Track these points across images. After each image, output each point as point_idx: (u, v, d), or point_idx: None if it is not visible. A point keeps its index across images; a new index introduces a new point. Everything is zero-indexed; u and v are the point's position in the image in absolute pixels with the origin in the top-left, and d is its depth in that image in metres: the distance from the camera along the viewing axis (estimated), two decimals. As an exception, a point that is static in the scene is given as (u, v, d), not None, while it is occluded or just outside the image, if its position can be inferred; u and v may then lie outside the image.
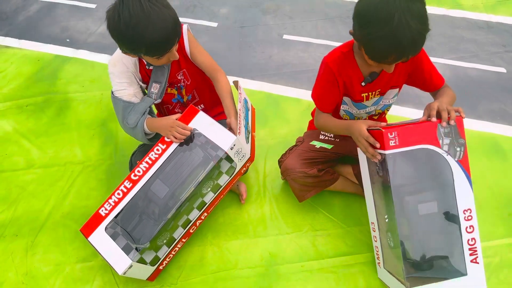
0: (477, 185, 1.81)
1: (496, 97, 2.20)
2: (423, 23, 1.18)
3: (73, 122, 2.15)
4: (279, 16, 2.77)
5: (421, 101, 2.17)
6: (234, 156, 1.49)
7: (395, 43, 1.18)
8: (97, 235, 1.45)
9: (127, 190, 1.49)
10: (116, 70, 1.53)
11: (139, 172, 1.50)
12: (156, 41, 1.33)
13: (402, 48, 1.19)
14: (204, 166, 1.49)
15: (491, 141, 1.98)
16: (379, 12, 1.18)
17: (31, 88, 2.35)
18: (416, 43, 1.19)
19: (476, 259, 1.33)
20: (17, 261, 1.64)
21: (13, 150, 2.03)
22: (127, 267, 1.38)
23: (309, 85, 2.29)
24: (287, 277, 1.56)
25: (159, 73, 1.57)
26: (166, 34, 1.34)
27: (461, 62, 2.39)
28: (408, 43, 1.18)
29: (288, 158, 1.64)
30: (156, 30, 1.31)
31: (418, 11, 1.17)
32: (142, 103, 1.56)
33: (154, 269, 1.51)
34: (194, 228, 1.57)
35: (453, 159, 1.34)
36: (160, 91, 1.58)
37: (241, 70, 2.41)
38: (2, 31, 2.74)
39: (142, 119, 1.54)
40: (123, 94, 1.54)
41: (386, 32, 1.17)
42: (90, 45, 2.62)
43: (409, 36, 1.16)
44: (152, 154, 1.51)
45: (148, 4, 1.29)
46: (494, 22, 2.64)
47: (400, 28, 1.15)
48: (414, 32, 1.16)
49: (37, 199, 1.83)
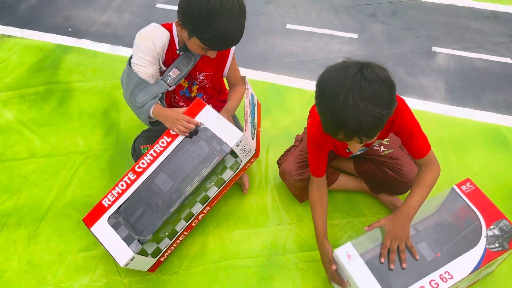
0: (481, 176, 1.80)
1: (501, 87, 2.18)
2: (377, 105, 1.06)
3: (75, 111, 2.15)
4: (282, 6, 2.75)
5: (426, 92, 2.16)
6: (239, 152, 1.49)
7: (340, 122, 1.09)
8: (99, 225, 1.45)
9: (130, 181, 1.48)
10: (144, 45, 1.50)
11: (143, 164, 1.49)
12: (226, 35, 1.38)
13: (347, 128, 1.09)
14: (209, 161, 1.49)
15: (496, 132, 1.96)
16: (330, 86, 1.10)
17: (33, 77, 2.34)
18: (365, 126, 1.07)
19: None
20: (20, 249, 1.65)
21: (15, 140, 2.04)
22: (129, 259, 1.38)
23: (312, 75, 2.28)
24: (288, 267, 1.56)
25: (184, 62, 1.56)
26: (235, 36, 1.40)
27: (466, 52, 2.36)
28: (354, 125, 1.07)
29: (285, 162, 1.64)
30: (232, 27, 1.37)
31: (373, 92, 1.06)
32: (156, 86, 1.54)
33: (155, 261, 1.51)
34: (196, 221, 1.58)
35: (485, 245, 1.31)
36: (177, 78, 1.56)
37: (244, 60, 2.39)
38: (4, 20, 2.73)
39: (151, 102, 1.52)
40: (141, 71, 1.51)
41: (331, 109, 1.09)
42: (92, 34, 2.61)
43: (355, 118, 1.06)
44: (157, 147, 1.50)
45: (236, 2, 1.36)
46: (500, 12, 2.60)
47: (345, 107, 1.06)
48: (362, 113, 1.05)
49: (40, 189, 1.84)
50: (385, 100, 1.08)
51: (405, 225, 1.30)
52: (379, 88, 1.07)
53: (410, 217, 1.31)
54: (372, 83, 1.07)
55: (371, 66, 1.10)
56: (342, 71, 1.10)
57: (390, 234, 1.30)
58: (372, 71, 1.08)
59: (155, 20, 1.58)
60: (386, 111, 1.09)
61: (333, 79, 1.10)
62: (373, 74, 1.07)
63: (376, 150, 1.59)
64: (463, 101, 2.12)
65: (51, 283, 1.55)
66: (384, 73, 1.10)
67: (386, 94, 1.09)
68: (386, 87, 1.09)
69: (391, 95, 1.11)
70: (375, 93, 1.07)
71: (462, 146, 1.91)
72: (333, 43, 2.47)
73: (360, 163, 1.67)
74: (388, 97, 1.09)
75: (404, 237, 1.30)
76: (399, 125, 1.32)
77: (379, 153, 1.58)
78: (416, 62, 2.32)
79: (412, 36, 2.49)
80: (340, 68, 1.12)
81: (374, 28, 2.55)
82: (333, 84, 1.09)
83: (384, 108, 1.08)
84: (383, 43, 2.45)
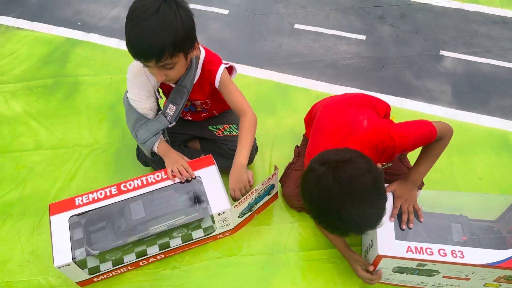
0: (485, 181, 1.79)
1: (508, 93, 2.17)
2: (367, 201, 1.11)
3: (82, 105, 2.17)
4: (291, 5, 2.75)
5: (432, 96, 2.15)
6: (218, 221, 1.48)
7: (341, 232, 1.16)
8: (59, 218, 1.42)
9: (110, 194, 1.46)
10: (138, 81, 1.48)
11: (130, 185, 1.48)
12: (129, 42, 1.26)
13: (347, 233, 1.16)
14: (187, 213, 1.49)
15: (501, 137, 1.96)
16: (318, 204, 1.15)
17: (41, 70, 2.36)
18: (364, 226, 1.14)
19: None
20: (24, 239, 1.67)
21: (22, 131, 2.05)
22: (65, 263, 1.35)
23: (318, 75, 2.28)
24: (289, 265, 1.56)
25: (177, 95, 1.50)
26: (141, 46, 1.25)
27: (474, 57, 2.35)
28: (356, 231, 1.15)
29: (286, 185, 1.67)
30: (137, 34, 1.24)
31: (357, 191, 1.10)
32: (156, 122, 1.52)
33: (88, 278, 1.48)
34: (145, 262, 1.54)
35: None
36: (175, 113, 1.52)
37: (251, 58, 2.40)
38: (15, 12, 2.75)
39: (152, 140, 1.52)
40: (139, 106, 1.51)
41: (328, 220, 1.14)
42: (101, 29, 2.62)
43: (355, 226, 1.13)
44: (150, 177, 1.50)
45: (165, 9, 1.22)
46: (509, 17, 2.59)
47: (343, 220, 1.11)
48: (360, 217, 1.10)
49: (45, 180, 1.85)
50: (369, 186, 1.11)
51: (413, 190, 1.40)
52: (359, 184, 1.10)
53: (417, 183, 1.42)
54: (348, 183, 1.09)
55: (341, 168, 1.11)
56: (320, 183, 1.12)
57: (401, 198, 1.38)
58: (343, 173, 1.10)
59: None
60: (377, 195, 1.13)
61: (316, 195, 1.13)
62: (345, 175, 1.10)
63: None
64: (470, 106, 2.11)
65: (53, 273, 1.56)
66: (355, 166, 1.11)
67: (368, 182, 1.11)
68: (364, 178, 1.10)
69: (373, 178, 1.11)
70: (359, 191, 1.10)
71: (467, 151, 1.91)
72: (340, 44, 2.47)
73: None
74: (372, 182, 1.11)
75: (412, 200, 1.39)
76: (402, 148, 1.33)
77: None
78: (424, 65, 2.32)
79: (420, 39, 2.48)
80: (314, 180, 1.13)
81: (382, 30, 2.55)
82: (319, 199, 1.13)
83: (373, 196, 1.12)
84: (391, 45, 2.45)
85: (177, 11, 1.24)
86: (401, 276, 1.42)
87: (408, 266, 1.35)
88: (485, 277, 1.33)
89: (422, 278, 1.40)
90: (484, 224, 1.42)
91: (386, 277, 1.45)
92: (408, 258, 1.30)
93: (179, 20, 1.25)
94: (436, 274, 1.35)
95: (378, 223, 1.15)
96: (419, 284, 1.45)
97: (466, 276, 1.34)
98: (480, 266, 1.27)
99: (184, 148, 1.79)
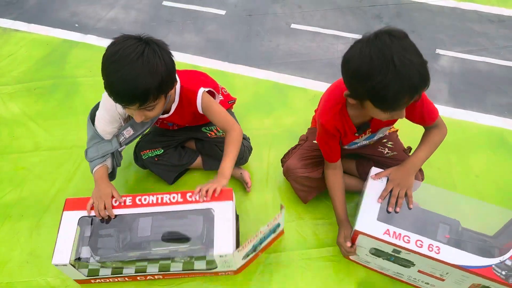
0: (482, 179, 1.80)
1: (504, 91, 2.18)
2: (421, 56, 1.13)
3: (80, 106, 2.17)
4: (288, 5, 2.76)
5: (428, 94, 2.15)
6: (219, 261, 1.42)
7: (405, 83, 1.11)
8: (71, 216, 1.43)
9: (124, 205, 1.45)
10: (107, 104, 1.47)
11: (145, 200, 1.45)
12: (114, 88, 1.24)
13: (413, 86, 1.12)
14: (194, 244, 1.43)
15: (498, 135, 1.97)
16: (376, 61, 1.11)
17: (40, 71, 2.37)
18: (424, 76, 1.13)
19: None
20: (22, 240, 1.67)
21: (21, 132, 2.06)
22: (62, 263, 1.37)
23: (316, 75, 2.29)
24: (287, 264, 1.57)
25: (140, 123, 1.48)
26: (126, 91, 1.23)
27: (470, 55, 2.36)
28: (417, 79, 1.12)
29: (290, 159, 1.64)
30: (121, 80, 1.21)
31: (411, 46, 1.13)
32: (108, 145, 1.49)
33: (84, 278, 1.49)
34: (142, 278, 1.53)
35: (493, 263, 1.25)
36: (130, 138, 1.51)
37: (248, 58, 2.41)
38: (12, 14, 2.76)
39: (97, 161, 1.48)
40: (99, 126, 1.49)
41: (392, 77, 1.11)
42: (99, 30, 2.63)
43: (415, 72, 1.11)
44: (166, 196, 1.45)
45: (150, 53, 1.21)
46: (505, 15, 2.60)
47: (404, 67, 1.10)
48: (418, 66, 1.11)
49: (43, 181, 1.86)
50: (418, 49, 1.14)
51: (410, 175, 1.42)
52: (411, 42, 1.14)
53: (415, 169, 1.43)
54: (405, 40, 1.13)
55: (389, 29, 1.14)
56: (375, 42, 1.13)
57: (393, 181, 1.41)
58: (394, 31, 1.13)
59: (161, 18, 1.58)
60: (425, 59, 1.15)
61: (374, 52, 1.12)
62: (398, 33, 1.13)
63: (380, 151, 1.60)
64: (466, 104, 2.12)
65: (52, 274, 1.57)
66: (399, 30, 1.15)
67: (415, 45, 1.14)
68: (411, 41, 1.14)
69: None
70: (412, 46, 1.13)
71: (464, 149, 1.92)
72: (337, 43, 2.48)
73: (362, 164, 1.67)
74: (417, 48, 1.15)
75: (406, 186, 1.40)
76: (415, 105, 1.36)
77: (383, 155, 1.59)
78: (420, 64, 2.33)
79: (417, 38, 2.49)
80: (369, 42, 1.14)
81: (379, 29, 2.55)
82: (378, 57, 1.11)
83: (422, 56, 1.14)
84: (388, 45, 2.45)
85: (160, 54, 1.24)
86: (378, 260, 1.44)
87: (384, 250, 1.36)
88: (460, 282, 1.31)
89: (398, 268, 1.41)
90: (478, 236, 1.39)
91: (364, 258, 1.47)
92: (383, 240, 1.31)
93: (163, 63, 1.24)
94: (412, 266, 1.36)
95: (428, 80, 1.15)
96: (395, 274, 1.46)
97: (441, 276, 1.33)
98: (453, 266, 1.25)
99: (181, 149, 1.79)
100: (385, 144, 1.61)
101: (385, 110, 1.20)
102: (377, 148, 1.62)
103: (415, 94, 1.15)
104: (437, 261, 1.26)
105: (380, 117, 1.25)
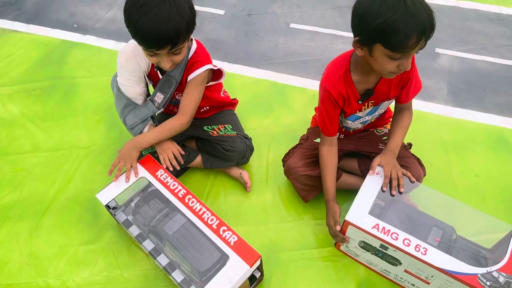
0: (482, 178, 1.80)
1: (503, 90, 2.18)
2: (429, 5, 1.18)
3: (79, 106, 2.17)
4: (286, 5, 2.76)
5: (428, 93, 2.16)
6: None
7: (415, 20, 1.14)
8: (140, 170, 1.52)
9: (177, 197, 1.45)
10: (128, 67, 1.48)
11: (192, 203, 1.43)
12: (144, 32, 1.25)
13: (422, 25, 1.15)
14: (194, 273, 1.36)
15: (497, 134, 1.96)
16: (388, 0, 1.16)
17: (38, 72, 2.36)
18: (432, 20, 1.17)
19: None
20: (22, 242, 1.67)
21: (20, 133, 2.05)
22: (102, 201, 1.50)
23: (315, 75, 2.29)
24: (287, 264, 1.57)
25: (166, 85, 1.52)
26: (158, 33, 1.24)
27: (469, 54, 2.36)
28: (426, 20, 1.15)
29: (291, 158, 1.63)
30: (152, 22, 1.22)
31: None
32: (144, 109, 1.53)
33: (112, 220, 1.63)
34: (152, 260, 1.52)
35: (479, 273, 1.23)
36: (163, 101, 1.54)
37: (247, 58, 2.41)
38: (11, 15, 2.75)
39: (140, 126, 1.53)
40: (129, 91, 1.52)
41: (402, 14, 1.14)
42: (97, 30, 2.62)
43: (425, 13, 1.15)
44: (208, 214, 1.40)
45: None
46: (505, 14, 2.60)
47: (414, 7, 1.14)
48: (427, 9, 1.16)
49: (42, 182, 1.86)
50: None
51: (395, 158, 1.48)
52: None
53: (396, 153, 1.49)
54: None
55: None
56: None
57: (389, 164, 1.45)
58: None
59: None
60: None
61: None
62: None
63: (381, 149, 1.60)
64: (466, 103, 2.12)
65: (52, 275, 1.57)
66: None
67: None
68: None
69: None
70: None
71: (464, 148, 1.92)
72: (336, 43, 2.47)
73: (364, 162, 1.67)
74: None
75: (397, 166, 1.45)
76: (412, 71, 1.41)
77: None
78: (419, 63, 2.32)
79: (416, 37, 2.49)
80: None
81: (378, 28, 2.55)
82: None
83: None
84: (387, 44, 2.45)
85: None
86: (366, 254, 1.44)
87: (372, 244, 1.36)
88: (444, 287, 1.30)
89: (385, 265, 1.41)
90: (473, 246, 1.38)
91: (353, 251, 1.48)
92: (371, 233, 1.31)
93: (185, 3, 1.27)
94: (398, 264, 1.36)
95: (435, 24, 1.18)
96: (383, 271, 1.47)
97: (426, 278, 1.32)
98: (438, 269, 1.24)
99: (182, 147, 1.79)
100: (386, 141, 1.61)
101: (394, 51, 1.20)
102: (378, 146, 1.62)
103: (422, 36, 1.17)
104: (422, 262, 1.26)
105: (388, 68, 1.26)
